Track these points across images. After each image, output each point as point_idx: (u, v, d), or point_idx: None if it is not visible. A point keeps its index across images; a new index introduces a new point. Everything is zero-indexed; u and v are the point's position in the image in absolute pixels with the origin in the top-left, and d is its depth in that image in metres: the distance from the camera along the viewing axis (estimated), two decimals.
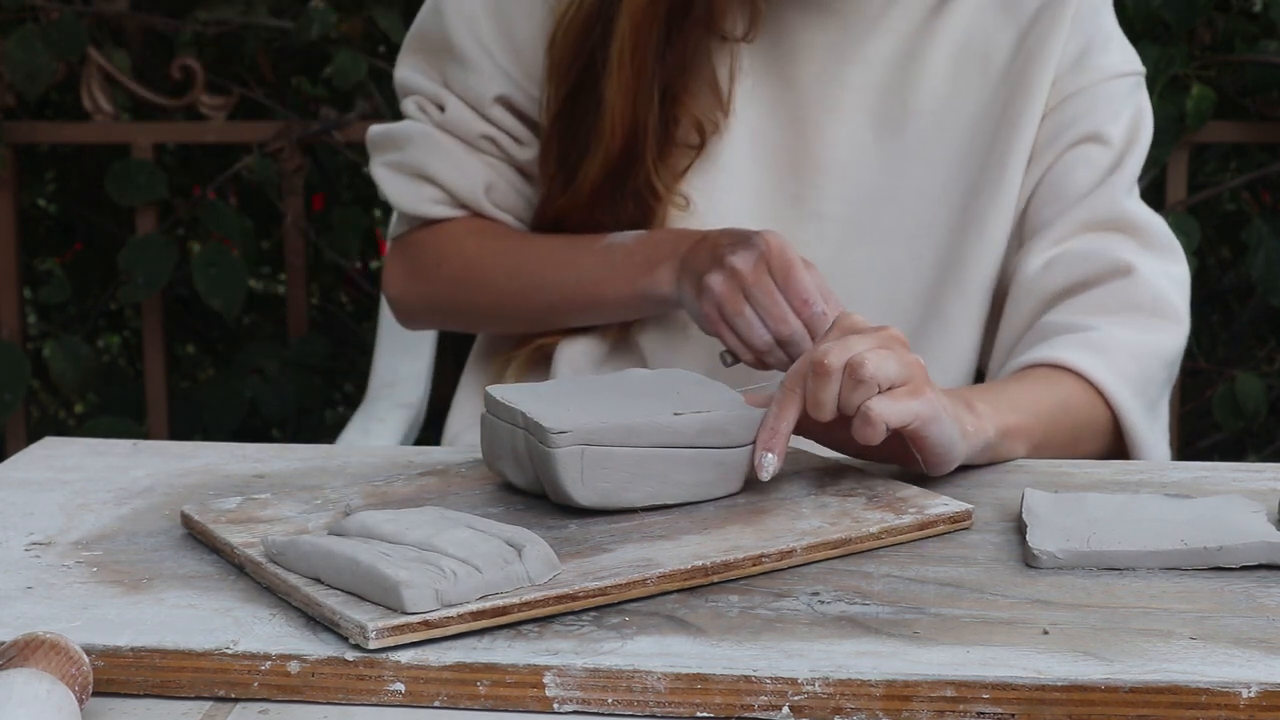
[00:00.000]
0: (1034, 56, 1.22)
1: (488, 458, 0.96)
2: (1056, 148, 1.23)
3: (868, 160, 1.23)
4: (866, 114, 1.22)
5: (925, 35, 1.23)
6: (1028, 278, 1.22)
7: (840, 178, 1.22)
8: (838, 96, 1.22)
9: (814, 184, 1.22)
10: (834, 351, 0.91)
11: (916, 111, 1.23)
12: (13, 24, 2.35)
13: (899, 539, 0.88)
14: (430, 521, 0.83)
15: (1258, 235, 2.29)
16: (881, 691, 0.70)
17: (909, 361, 0.93)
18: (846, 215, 1.23)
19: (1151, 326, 1.19)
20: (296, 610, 0.78)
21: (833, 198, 1.22)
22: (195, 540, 0.89)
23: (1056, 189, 1.23)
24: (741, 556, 0.82)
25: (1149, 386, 1.18)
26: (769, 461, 0.91)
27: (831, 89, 1.22)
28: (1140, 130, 1.26)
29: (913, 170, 1.23)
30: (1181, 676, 0.70)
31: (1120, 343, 1.16)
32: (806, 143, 1.22)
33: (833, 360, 0.91)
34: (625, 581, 0.79)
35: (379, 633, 0.73)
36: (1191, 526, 0.85)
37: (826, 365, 0.90)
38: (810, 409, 0.92)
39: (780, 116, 1.23)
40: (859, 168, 1.22)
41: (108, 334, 3.04)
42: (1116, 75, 1.25)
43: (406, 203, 1.29)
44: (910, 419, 0.92)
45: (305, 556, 0.80)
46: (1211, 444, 2.56)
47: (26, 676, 0.66)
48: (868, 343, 0.92)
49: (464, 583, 0.75)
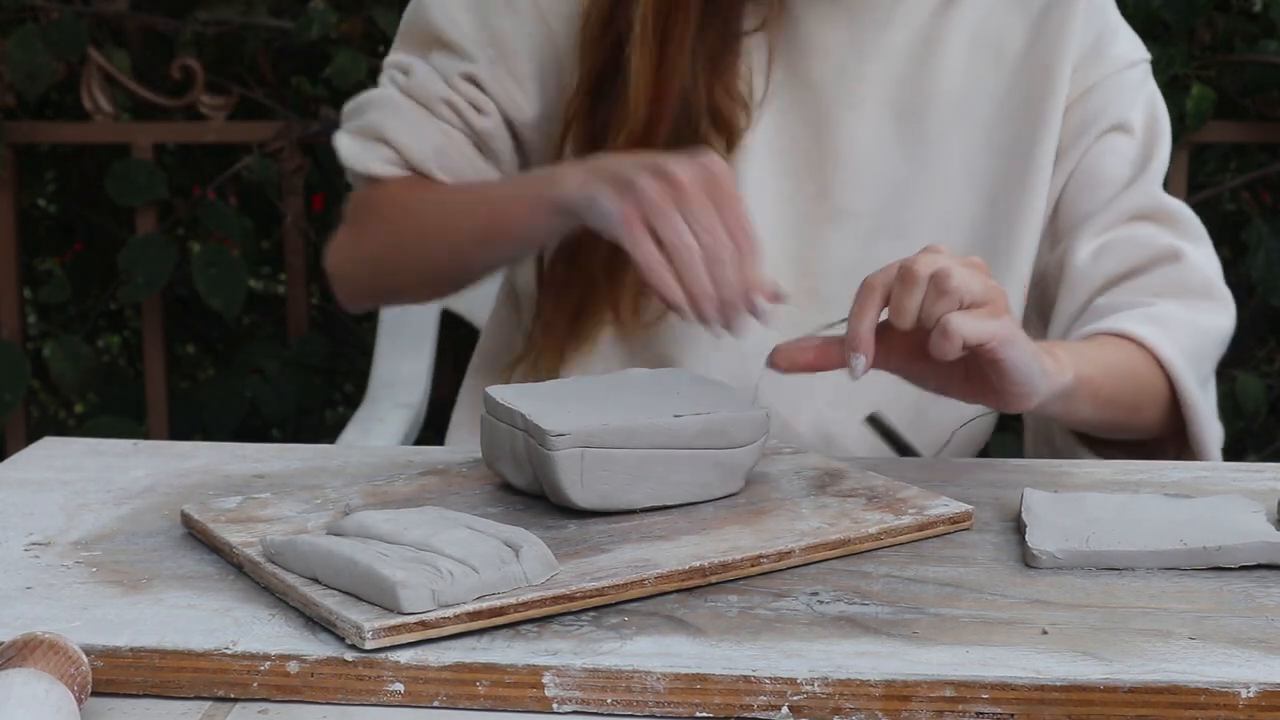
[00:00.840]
0: (1053, 47, 1.23)
1: (487, 458, 0.96)
2: (1086, 140, 1.24)
3: (889, 154, 1.23)
4: (886, 107, 1.22)
5: (939, 26, 1.23)
6: (1078, 267, 1.23)
7: (863, 173, 1.22)
8: (856, 91, 1.22)
9: (837, 180, 1.22)
10: (923, 260, 0.94)
11: (934, 103, 1.23)
12: (13, 24, 2.35)
13: (898, 540, 0.88)
14: (428, 521, 0.83)
15: (1258, 235, 2.29)
16: (881, 692, 0.70)
17: (992, 285, 0.95)
18: (872, 210, 1.22)
19: (1203, 308, 1.21)
20: (296, 610, 0.78)
21: (857, 193, 1.22)
22: (195, 540, 0.89)
23: (1091, 180, 1.24)
24: (739, 557, 0.82)
25: (1202, 362, 1.20)
26: (859, 362, 0.94)
27: (850, 84, 1.22)
28: (1159, 118, 1.27)
29: (934, 162, 1.23)
30: (1181, 676, 0.70)
31: (1177, 319, 1.18)
32: (828, 139, 1.22)
33: (921, 268, 0.93)
34: (623, 582, 0.79)
35: (375, 633, 0.73)
36: (1191, 526, 0.85)
37: (915, 272, 0.93)
38: (892, 315, 0.94)
39: (800, 114, 1.23)
40: (881, 162, 1.22)
41: (108, 334, 3.04)
42: (1129, 64, 1.26)
43: (359, 162, 1.27)
44: (988, 337, 0.94)
45: (303, 556, 0.80)
46: None
47: (26, 676, 0.66)
48: (955, 261, 0.94)
49: (461, 583, 0.75)
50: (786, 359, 0.98)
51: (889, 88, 1.22)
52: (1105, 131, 1.24)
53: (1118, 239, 1.23)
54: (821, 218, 1.22)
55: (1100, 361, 1.10)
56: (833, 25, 1.21)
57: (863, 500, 0.92)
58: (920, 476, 0.99)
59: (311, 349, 2.48)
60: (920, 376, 1.01)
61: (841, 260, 1.19)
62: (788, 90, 1.22)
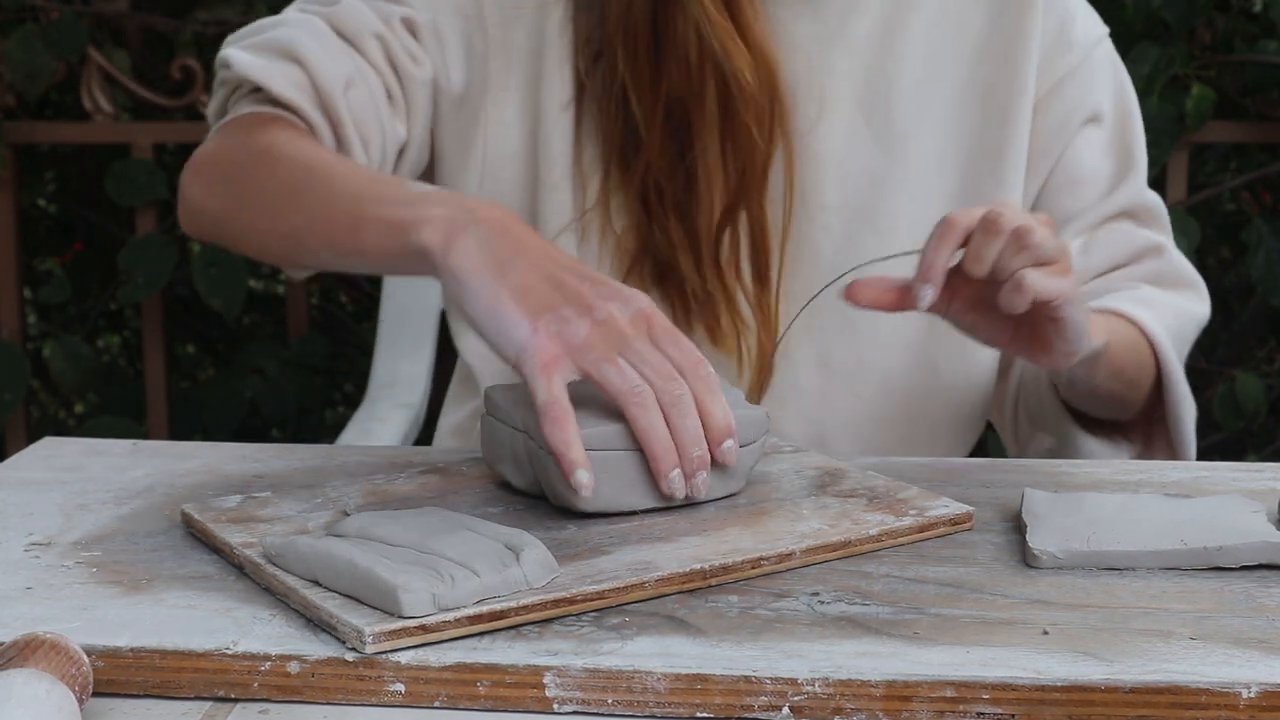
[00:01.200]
0: (1014, 37, 1.22)
1: (488, 458, 0.96)
2: (1064, 137, 1.24)
3: (861, 145, 1.21)
4: (855, 98, 1.21)
5: (901, 11, 1.22)
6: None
7: (838, 166, 1.21)
8: (826, 85, 1.21)
9: (812, 177, 1.21)
10: (1008, 213, 0.95)
11: (901, 93, 1.22)
12: (13, 24, 2.35)
13: (899, 541, 0.88)
14: (429, 523, 0.83)
15: (1258, 235, 2.29)
16: (881, 692, 0.70)
17: (1061, 245, 0.97)
18: (848, 204, 1.21)
19: (1184, 295, 1.25)
20: (296, 610, 0.78)
21: (833, 187, 1.21)
22: (195, 540, 0.89)
23: (1070, 178, 1.25)
24: (740, 560, 0.82)
25: (1182, 344, 1.23)
26: (926, 293, 0.96)
27: (820, 78, 1.21)
28: (1128, 99, 1.27)
29: (906, 153, 1.22)
30: (1181, 677, 0.70)
31: (1162, 301, 1.22)
32: (801, 136, 1.21)
33: (1006, 220, 0.95)
34: (623, 585, 0.79)
35: (376, 637, 0.73)
36: (1191, 526, 0.85)
37: (999, 223, 0.94)
38: (968, 260, 0.96)
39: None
40: (854, 154, 1.21)
41: (108, 334, 3.04)
42: (1095, 43, 1.25)
43: (262, 75, 1.14)
44: (1056, 294, 0.96)
45: (303, 558, 0.80)
46: (1211, 444, 2.55)
47: (26, 677, 0.66)
48: (1032, 218, 0.96)
49: (461, 586, 0.75)
50: (867, 295, 0.99)
51: (857, 79, 1.21)
52: (1081, 126, 1.24)
53: (1102, 236, 1.25)
54: (801, 216, 1.21)
55: (1113, 331, 1.13)
56: (800, 20, 1.20)
57: (864, 501, 0.92)
58: (920, 476, 0.99)
59: (311, 349, 2.48)
60: (973, 326, 1.02)
61: (818, 257, 1.19)
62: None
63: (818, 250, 1.19)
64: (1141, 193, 1.27)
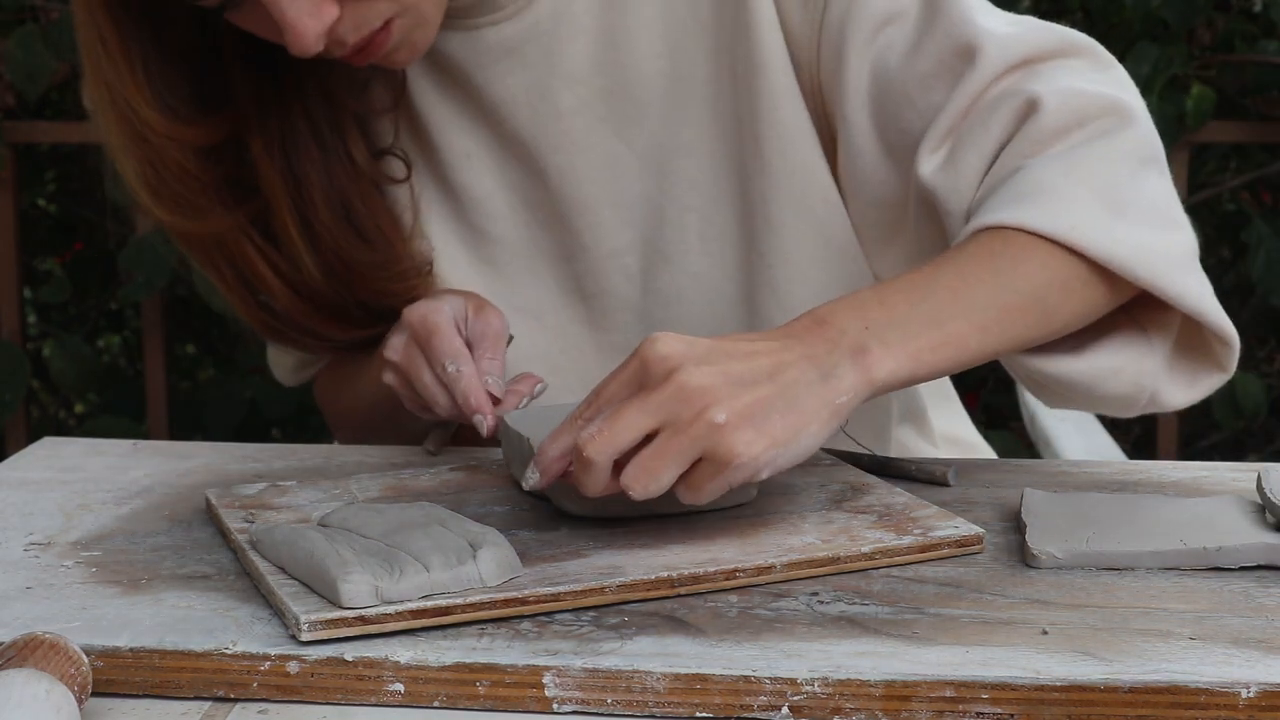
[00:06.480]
0: (745, 29, 1.08)
1: (505, 460, 0.97)
2: (858, 64, 1.05)
3: (629, 171, 1.13)
4: (600, 125, 1.12)
5: (613, 16, 1.11)
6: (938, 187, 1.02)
7: (611, 202, 1.14)
8: (560, 129, 1.12)
9: (586, 225, 1.14)
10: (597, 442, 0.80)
11: (647, 100, 1.12)
12: (13, 24, 2.35)
13: (894, 561, 0.84)
14: (409, 517, 0.83)
15: (1258, 235, 2.29)
16: (881, 692, 0.70)
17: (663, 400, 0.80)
18: (636, 241, 1.14)
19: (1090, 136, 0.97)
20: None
21: (609, 227, 1.14)
22: (195, 540, 0.89)
23: (892, 98, 1.04)
24: (714, 570, 0.81)
25: (1111, 191, 0.94)
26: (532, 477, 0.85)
27: (551, 124, 1.12)
28: None
29: (673, 168, 1.13)
30: (1181, 676, 0.70)
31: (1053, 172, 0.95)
32: (558, 189, 1.13)
33: (593, 453, 0.80)
34: (581, 589, 0.78)
35: (311, 625, 0.73)
36: (1191, 526, 0.85)
37: (586, 460, 0.81)
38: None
39: (519, 173, 1.14)
40: (625, 184, 1.14)
41: (108, 334, 3.04)
42: None
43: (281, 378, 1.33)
44: (719, 492, 0.82)
45: (276, 545, 0.81)
46: (1211, 444, 2.56)
47: (26, 676, 0.66)
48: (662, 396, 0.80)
49: (408, 580, 0.76)
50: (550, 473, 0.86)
51: (595, 107, 1.12)
52: (871, 38, 1.05)
53: (959, 138, 1.01)
54: (590, 270, 1.15)
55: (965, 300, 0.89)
56: (507, 74, 1.11)
57: (872, 518, 0.89)
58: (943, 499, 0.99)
59: None
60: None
61: (625, 302, 1.15)
62: (495, 156, 1.15)
63: (624, 293, 1.15)
64: (1004, 50, 1.00)
